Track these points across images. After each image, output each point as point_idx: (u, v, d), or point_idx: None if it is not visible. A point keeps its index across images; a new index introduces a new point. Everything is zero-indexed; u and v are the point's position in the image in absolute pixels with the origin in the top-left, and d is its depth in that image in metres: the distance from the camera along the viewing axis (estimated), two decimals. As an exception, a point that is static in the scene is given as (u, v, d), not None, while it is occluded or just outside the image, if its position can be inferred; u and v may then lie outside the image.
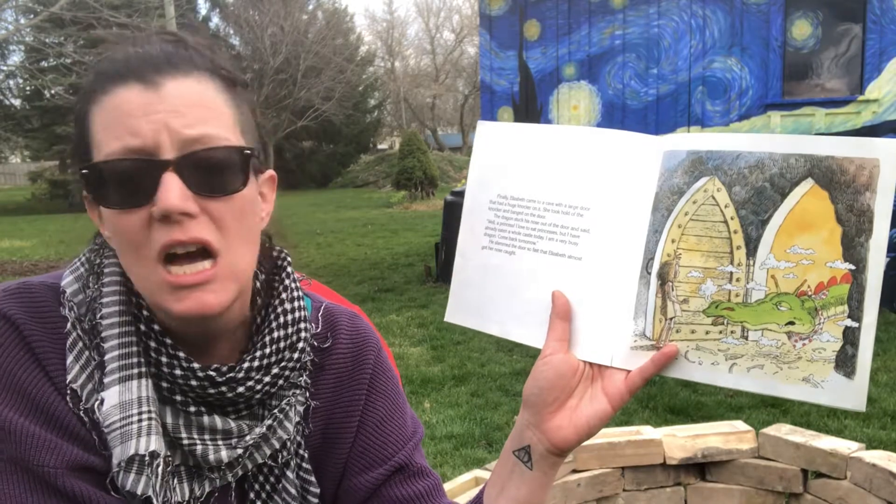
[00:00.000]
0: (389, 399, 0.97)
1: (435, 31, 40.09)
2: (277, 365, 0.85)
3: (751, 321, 0.79)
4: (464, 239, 0.96)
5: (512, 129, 0.96)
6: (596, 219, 0.88)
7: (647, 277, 0.84)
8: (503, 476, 0.90)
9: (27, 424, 0.75)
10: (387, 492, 0.93)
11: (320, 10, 30.98)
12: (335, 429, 0.94)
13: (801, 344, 0.78)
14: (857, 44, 6.84)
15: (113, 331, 0.79)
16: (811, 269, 0.77)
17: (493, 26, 7.91)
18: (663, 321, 0.82)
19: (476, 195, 0.96)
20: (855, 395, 0.76)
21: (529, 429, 0.87)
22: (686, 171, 0.83)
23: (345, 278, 9.07)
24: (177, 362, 0.79)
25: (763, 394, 0.79)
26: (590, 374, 0.86)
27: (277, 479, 0.88)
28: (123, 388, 0.77)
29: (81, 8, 12.14)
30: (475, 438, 4.19)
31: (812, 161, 0.78)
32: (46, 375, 0.77)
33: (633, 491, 2.86)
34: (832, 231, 0.77)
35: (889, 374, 5.06)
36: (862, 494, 2.59)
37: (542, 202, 0.91)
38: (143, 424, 0.76)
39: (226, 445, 0.81)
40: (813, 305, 0.77)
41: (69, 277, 0.83)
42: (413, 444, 0.97)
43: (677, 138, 0.85)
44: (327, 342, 0.95)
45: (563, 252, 0.89)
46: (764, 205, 0.79)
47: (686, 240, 0.82)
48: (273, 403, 0.87)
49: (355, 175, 29.52)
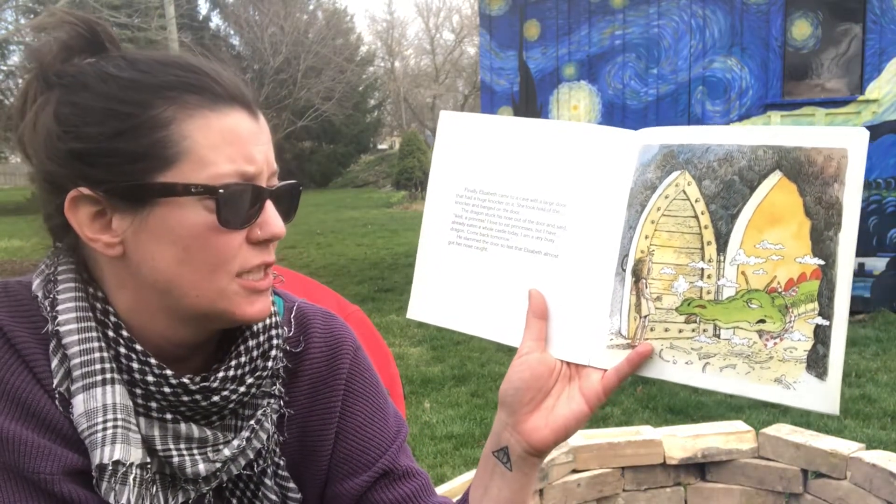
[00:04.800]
0: (369, 401, 0.95)
1: (435, 31, 40.10)
2: (251, 374, 0.84)
3: (722, 319, 0.77)
4: (428, 233, 0.94)
5: (477, 121, 0.94)
6: (572, 215, 0.86)
7: (623, 275, 0.82)
8: (485, 477, 0.89)
9: (20, 430, 0.73)
10: (373, 496, 0.91)
11: (320, 10, 30.95)
12: (313, 436, 0.92)
13: (772, 343, 0.75)
14: (857, 44, 6.84)
15: (72, 337, 0.77)
16: (781, 265, 0.75)
17: (493, 26, 7.91)
18: (638, 319, 0.81)
19: (440, 188, 0.93)
20: (827, 397, 0.73)
21: (507, 430, 0.86)
22: (659, 166, 0.81)
23: (345, 278, 9.06)
24: (148, 369, 0.77)
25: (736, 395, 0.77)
26: (567, 374, 0.85)
27: (256, 487, 0.86)
28: (88, 396, 0.75)
29: (81, 8, 12.13)
30: (475, 438, 4.19)
31: (780, 152, 0.76)
32: (35, 378, 0.76)
33: (633, 491, 2.85)
34: (801, 225, 0.75)
35: (889, 374, 5.06)
36: (862, 494, 2.58)
37: (515, 197, 0.89)
38: (107, 433, 0.74)
39: (202, 458, 0.80)
40: (783, 303, 0.75)
41: (37, 281, 0.81)
42: (397, 446, 0.94)
43: (652, 132, 0.84)
44: (299, 346, 0.92)
45: (539, 249, 0.87)
46: (733, 199, 0.77)
47: (659, 236, 0.80)
48: (246, 413, 0.85)
49: (355, 175, 29.52)
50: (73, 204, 0.76)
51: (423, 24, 40.02)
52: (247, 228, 0.78)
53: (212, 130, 0.75)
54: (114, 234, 0.77)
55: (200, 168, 0.75)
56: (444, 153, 0.94)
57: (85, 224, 0.77)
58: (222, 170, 0.75)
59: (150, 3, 14.44)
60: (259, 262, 0.80)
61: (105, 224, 0.77)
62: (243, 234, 0.78)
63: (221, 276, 0.78)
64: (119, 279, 0.79)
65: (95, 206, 0.76)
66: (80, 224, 0.77)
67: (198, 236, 0.76)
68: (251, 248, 0.79)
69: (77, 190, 0.75)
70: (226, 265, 0.78)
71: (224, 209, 0.75)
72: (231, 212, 0.76)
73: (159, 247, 0.76)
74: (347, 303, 1.38)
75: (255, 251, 0.79)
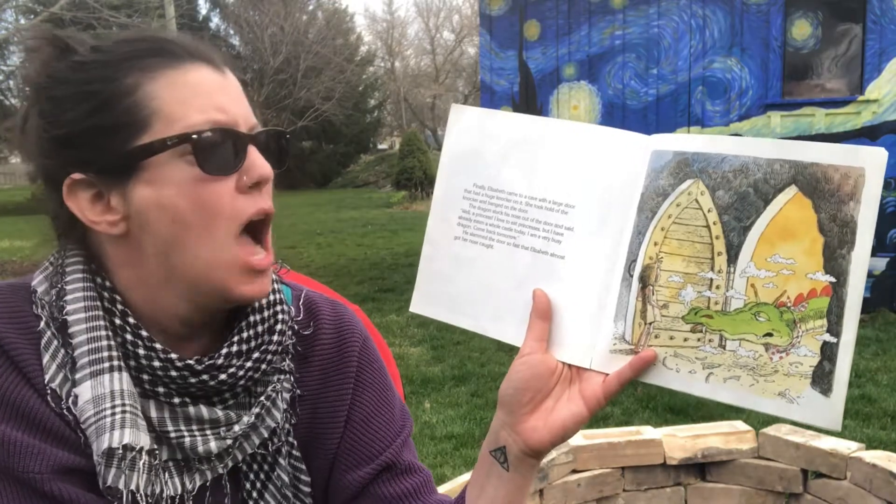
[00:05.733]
0: (377, 393, 0.96)
1: (435, 31, 40.09)
2: (258, 349, 0.85)
3: (729, 330, 0.77)
4: (434, 227, 0.93)
5: (488, 116, 0.93)
6: (581, 217, 0.86)
7: (629, 280, 0.82)
8: (482, 477, 0.89)
9: (9, 430, 0.73)
10: (375, 489, 0.92)
11: (320, 10, 30.95)
12: (323, 421, 0.93)
13: (778, 357, 0.75)
14: (857, 44, 6.84)
15: (80, 326, 0.78)
16: (791, 280, 0.75)
17: (493, 26, 7.91)
18: (643, 325, 0.80)
19: (449, 183, 0.93)
20: (830, 413, 0.74)
21: (504, 429, 0.86)
22: (671, 173, 0.81)
23: (345, 278, 9.06)
24: (154, 354, 0.79)
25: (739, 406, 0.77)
26: (567, 376, 0.85)
27: (271, 468, 0.87)
28: (95, 383, 0.76)
29: (81, 8, 12.12)
30: (475, 438, 4.19)
31: (797, 167, 0.75)
32: (24, 378, 0.76)
33: (634, 491, 2.86)
34: (814, 241, 0.74)
35: (889, 374, 5.06)
36: (862, 494, 2.59)
37: (524, 196, 0.89)
38: (116, 417, 0.75)
39: (214, 436, 0.81)
40: (791, 317, 0.75)
41: (39, 277, 0.83)
42: (401, 441, 0.95)
43: (665, 138, 0.83)
44: (309, 329, 0.94)
45: (545, 249, 0.87)
46: (747, 211, 0.77)
47: (668, 243, 0.80)
48: (258, 391, 0.86)
49: (355, 175, 29.50)
50: (70, 192, 0.79)
51: (423, 24, 40.00)
52: (233, 176, 0.79)
53: (176, 86, 0.78)
54: (115, 213, 0.79)
55: (172, 123, 0.77)
56: (454, 148, 0.94)
57: (86, 209, 0.79)
58: (193, 120, 0.77)
59: (150, 3, 14.45)
60: (255, 210, 0.80)
61: (105, 206, 0.79)
62: (231, 182, 0.79)
63: (218, 232, 0.78)
64: (124, 258, 0.81)
65: (91, 190, 0.79)
66: (81, 210, 0.79)
67: (187, 192, 0.78)
68: (244, 197, 0.80)
69: (70, 177, 0.78)
70: (219, 217, 0.78)
71: (201, 155, 0.77)
72: (211, 157, 0.77)
73: (155, 212, 0.78)
74: (348, 303, 1.38)
75: (248, 199, 0.80)
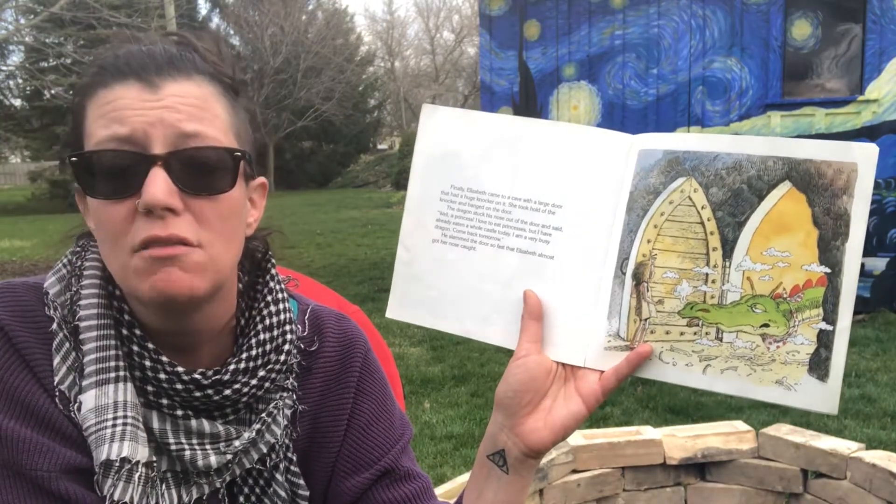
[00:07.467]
0: (377, 401, 0.96)
1: (435, 31, 40.09)
2: (263, 368, 0.84)
3: (726, 323, 0.79)
4: (409, 231, 0.92)
5: (463, 116, 0.92)
6: (569, 217, 0.86)
7: (622, 277, 0.83)
8: (480, 481, 0.88)
9: (18, 428, 0.74)
10: (374, 495, 0.92)
11: (320, 10, 30.96)
12: (323, 432, 0.93)
13: (775, 346, 0.77)
14: (857, 44, 6.84)
15: (91, 333, 0.78)
16: (787, 272, 0.77)
17: (493, 26, 7.91)
18: (638, 322, 0.81)
19: (424, 185, 0.92)
20: (828, 398, 0.76)
21: (503, 432, 0.86)
22: (662, 171, 0.82)
23: (345, 278, 9.06)
24: (160, 366, 0.78)
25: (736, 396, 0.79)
26: (562, 375, 0.85)
27: (267, 483, 0.87)
28: (100, 392, 0.76)
29: (81, 8, 12.13)
30: (475, 438, 4.19)
31: (790, 164, 0.77)
32: (35, 377, 0.76)
33: (634, 491, 2.86)
34: (809, 234, 0.77)
35: (889, 374, 5.06)
36: (862, 494, 2.59)
37: (507, 197, 0.88)
38: (116, 429, 0.75)
39: (214, 450, 0.81)
40: (788, 308, 0.77)
41: (52, 279, 0.83)
42: (400, 447, 0.95)
43: (652, 137, 0.84)
44: (314, 345, 0.93)
45: (533, 250, 0.87)
46: (741, 206, 0.79)
47: (662, 240, 0.81)
48: (260, 407, 0.86)
49: (355, 175, 29.50)
50: (78, 202, 0.84)
51: (423, 24, 40.01)
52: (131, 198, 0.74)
53: (99, 104, 0.77)
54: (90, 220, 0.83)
55: (88, 142, 0.77)
56: (427, 149, 0.92)
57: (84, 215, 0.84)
58: (99, 136, 0.75)
59: (150, 3, 14.45)
60: (146, 236, 0.73)
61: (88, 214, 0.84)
62: (127, 204, 0.75)
63: (119, 252, 0.76)
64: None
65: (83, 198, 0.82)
66: (84, 217, 0.84)
67: (95, 210, 0.78)
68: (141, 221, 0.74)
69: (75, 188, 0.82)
70: (119, 240, 0.75)
71: (83, 177, 0.77)
72: (94, 179, 0.76)
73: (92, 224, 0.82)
74: (347, 303, 1.38)
75: (144, 223, 0.74)
